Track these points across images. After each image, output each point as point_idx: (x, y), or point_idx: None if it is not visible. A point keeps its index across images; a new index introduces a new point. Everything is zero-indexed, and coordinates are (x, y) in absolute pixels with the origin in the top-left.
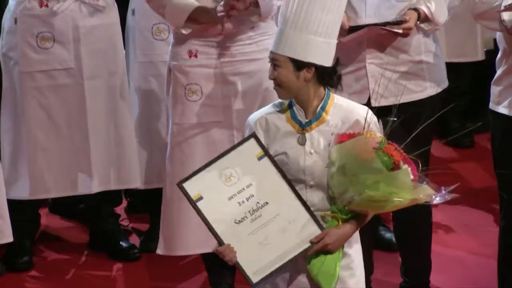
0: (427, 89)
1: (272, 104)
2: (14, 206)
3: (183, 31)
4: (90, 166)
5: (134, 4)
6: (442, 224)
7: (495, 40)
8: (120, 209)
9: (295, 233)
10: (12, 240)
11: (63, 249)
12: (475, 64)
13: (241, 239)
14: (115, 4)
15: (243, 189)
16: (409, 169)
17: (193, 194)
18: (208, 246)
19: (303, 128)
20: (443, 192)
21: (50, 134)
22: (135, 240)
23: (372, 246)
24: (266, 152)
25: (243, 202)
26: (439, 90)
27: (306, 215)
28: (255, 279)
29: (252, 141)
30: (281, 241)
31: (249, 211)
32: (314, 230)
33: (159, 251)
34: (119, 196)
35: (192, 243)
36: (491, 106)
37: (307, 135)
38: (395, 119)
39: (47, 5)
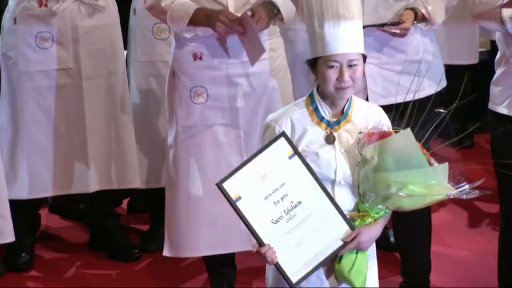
0: (426, 88)
1: (291, 105)
2: (15, 206)
3: (186, 35)
4: (88, 165)
5: (135, 3)
6: (442, 224)
7: (491, 40)
8: (120, 209)
9: (327, 233)
10: (13, 240)
11: (63, 249)
12: (476, 65)
13: (279, 239)
14: (115, 4)
15: (277, 188)
16: (447, 164)
17: (232, 194)
18: (218, 247)
19: (331, 127)
20: (467, 188)
21: (49, 134)
22: (135, 240)
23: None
24: (296, 151)
25: (278, 201)
26: (438, 89)
27: (337, 214)
28: (294, 279)
29: (282, 140)
30: (315, 241)
31: (284, 211)
32: (345, 229)
33: (166, 253)
34: (119, 196)
35: (202, 244)
36: (491, 106)
37: (335, 134)
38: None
39: (46, 5)
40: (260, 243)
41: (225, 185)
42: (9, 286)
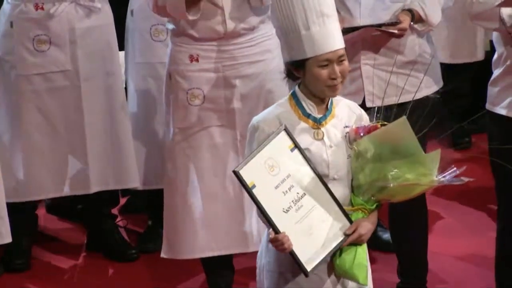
0: (422, 89)
1: (276, 104)
2: (12, 207)
3: (191, 17)
4: (88, 166)
5: (133, 5)
6: (439, 225)
7: (491, 41)
8: (117, 210)
9: (330, 225)
10: (10, 240)
11: (60, 249)
12: (474, 65)
13: (290, 228)
14: (109, 5)
15: (284, 179)
16: (440, 151)
17: (248, 182)
18: (215, 249)
19: (318, 123)
20: (452, 174)
21: (48, 136)
22: (132, 240)
23: (369, 246)
24: (296, 144)
25: (286, 191)
26: (434, 90)
27: (336, 208)
28: (309, 267)
29: (283, 133)
30: (322, 231)
31: (292, 201)
32: (344, 223)
33: (164, 254)
34: (116, 196)
35: (199, 246)
36: (488, 107)
37: (323, 130)
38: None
39: (42, 8)
40: (276, 230)
41: (242, 172)
42: (6, 286)
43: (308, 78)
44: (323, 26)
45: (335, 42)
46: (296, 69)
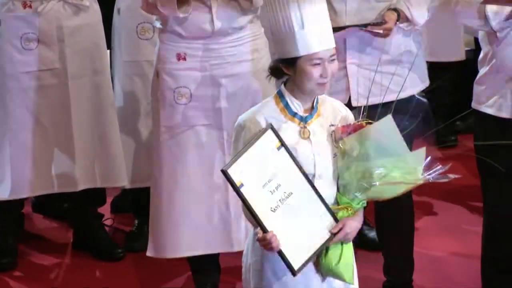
0: (408, 88)
1: (261, 104)
2: None
3: (181, 15)
4: (75, 164)
5: (119, 3)
6: (425, 224)
7: (476, 39)
8: (103, 209)
9: (316, 224)
10: None
11: (47, 249)
12: (460, 63)
13: (278, 227)
14: (97, 3)
15: (271, 178)
16: (424, 149)
17: (236, 181)
18: (198, 248)
19: (304, 121)
20: (437, 172)
21: (36, 135)
22: (119, 239)
23: (355, 244)
24: (282, 143)
25: (273, 191)
26: (420, 89)
27: (322, 207)
28: (296, 266)
29: (269, 132)
30: (307, 231)
31: (279, 200)
32: (330, 221)
33: (149, 253)
34: (103, 195)
35: (183, 245)
36: (474, 105)
37: (309, 128)
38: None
39: (30, 6)
40: (264, 230)
41: (230, 171)
42: None
43: (298, 76)
44: (317, 24)
45: (327, 40)
46: (286, 67)
